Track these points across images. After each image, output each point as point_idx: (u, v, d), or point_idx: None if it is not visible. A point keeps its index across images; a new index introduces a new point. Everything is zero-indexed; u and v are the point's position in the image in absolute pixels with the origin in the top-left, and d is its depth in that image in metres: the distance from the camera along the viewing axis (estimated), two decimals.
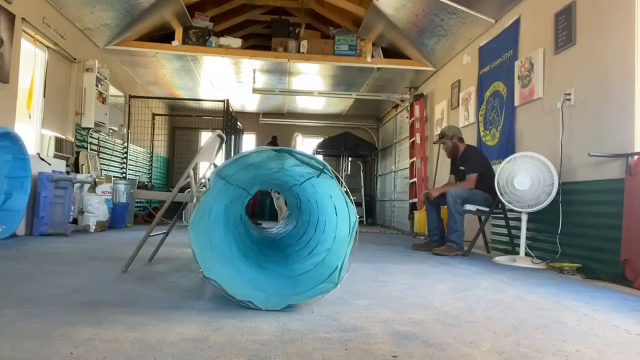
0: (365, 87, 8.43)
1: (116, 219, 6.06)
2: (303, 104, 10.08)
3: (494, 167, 4.58)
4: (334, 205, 2.36)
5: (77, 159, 6.00)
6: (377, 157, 11.10)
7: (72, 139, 5.93)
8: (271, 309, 1.89)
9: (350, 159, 11.23)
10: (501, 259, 3.92)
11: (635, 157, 2.98)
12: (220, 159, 5.96)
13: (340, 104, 9.99)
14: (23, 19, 4.64)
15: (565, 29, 3.84)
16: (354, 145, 10.50)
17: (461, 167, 4.63)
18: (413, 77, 7.72)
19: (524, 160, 3.75)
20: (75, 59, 5.90)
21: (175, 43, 6.77)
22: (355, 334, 1.61)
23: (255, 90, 8.08)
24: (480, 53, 5.49)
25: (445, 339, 1.58)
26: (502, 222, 4.40)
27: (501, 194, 3.87)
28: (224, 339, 1.49)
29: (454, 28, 5.67)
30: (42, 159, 4.83)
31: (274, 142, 8.83)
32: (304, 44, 7.05)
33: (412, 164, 7.60)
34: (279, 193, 5.08)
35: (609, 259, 3.11)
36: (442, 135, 4.73)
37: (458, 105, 6.12)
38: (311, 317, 1.83)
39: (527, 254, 3.81)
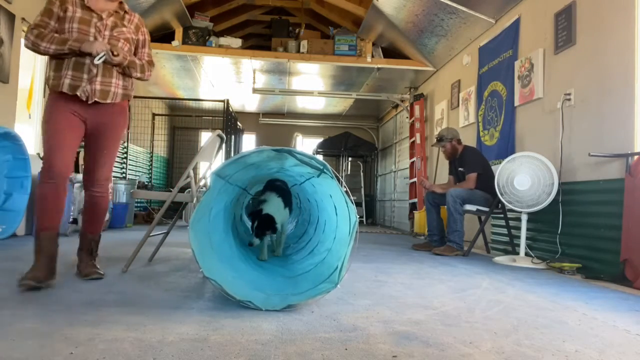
0: (365, 87, 8.43)
1: (116, 219, 6.06)
2: (303, 104, 10.08)
3: (493, 167, 4.58)
4: (334, 205, 2.36)
5: (77, 159, 6.00)
6: (377, 157, 11.10)
7: None
8: (271, 309, 1.89)
9: (350, 159, 11.23)
10: (501, 259, 3.92)
11: (635, 157, 2.98)
12: (220, 159, 5.90)
13: (340, 104, 9.99)
14: (23, 19, 4.64)
15: (565, 29, 3.84)
16: (354, 145, 10.50)
17: (460, 168, 4.63)
18: (413, 77, 7.72)
19: (524, 160, 3.75)
20: None
21: (175, 43, 6.77)
22: (355, 334, 1.61)
23: (255, 90, 8.08)
24: (480, 53, 5.49)
25: (445, 339, 1.58)
26: (502, 222, 4.40)
27: (501, 194, 3.87)
28: (224, 339, 1.49)
29: (454, 28, 5.67)
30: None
31: None
32: (304, 44, 7.05)
33: (412, 164, 7.60)
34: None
35: (609, 259, 3.11)
36: (440, 138, 4.72)
37: (458, 105, 6.12)
38: (311, 317, 1.83)
39: (527, 254, 3.81)
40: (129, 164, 8.07)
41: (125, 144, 7.85)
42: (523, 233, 3.81)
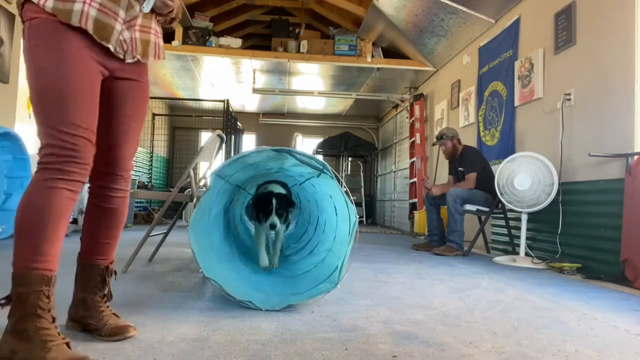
0: (365, 87, 8.43)
1: None
2: (303, 104, 10.08)
3: (493, 167, 4.58)
4: (334, 205, 2.36)
5: None
6: (377, 157, 11.10)
7: None
8: (271, 309, 1.89)
9: (350, 159, 11.23)
10: (501, 259, 3.92)
11: (635, 157, 2.98)
12: (220, 159, 5.86)
13: (340, 104, 9.99)
14: None
15: (565, 29, 3.84)
16: (354, 145, 10.50)
17: (460, 168, 4.63)
18: (413, 77, 7.72)
19: (524, 160, 3.75)
20: None
21: (175, 43, 6.77)
22: (355, 334, 1.61)
23: (255, 90, 8.08)
24: (480, 53, 5.49)
25: (445, 339, 1.58)
26: (502, 222, 4.40)
27: (501, 194, 3.87)
28: (224, 339, 1.49)
29: (454, 28, 5.67)
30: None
31: None
32: (304, 44, 7.05)
33: (412, 164, 7.61)
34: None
35: (609, 259, 3.11)
36: (441, 137, 4.73)
37: (458, 105, 6.12)
38: (311, 317, 1.83)
39: (527, 254, 3.81)
40: None
41: None
42: (523, 233, 3.81)
